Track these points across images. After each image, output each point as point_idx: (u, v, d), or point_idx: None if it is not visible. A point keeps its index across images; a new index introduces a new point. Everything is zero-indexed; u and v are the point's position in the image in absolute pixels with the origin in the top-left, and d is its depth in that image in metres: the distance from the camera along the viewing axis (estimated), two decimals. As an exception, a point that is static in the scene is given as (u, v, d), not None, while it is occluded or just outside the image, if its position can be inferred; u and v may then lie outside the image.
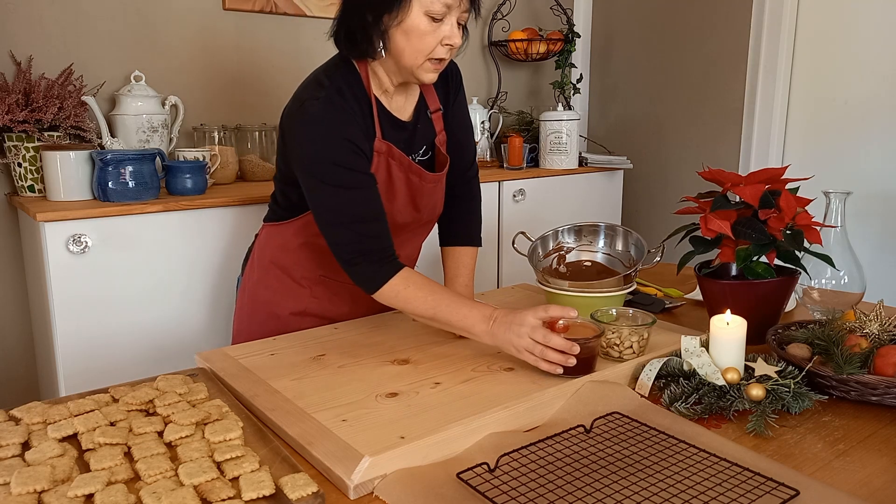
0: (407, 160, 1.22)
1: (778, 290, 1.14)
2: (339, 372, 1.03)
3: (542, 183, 2.55)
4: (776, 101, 2.50)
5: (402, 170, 1.22)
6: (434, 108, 1.27)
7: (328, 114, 1.09)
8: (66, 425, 0.85)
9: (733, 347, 0.96)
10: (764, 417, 0.87)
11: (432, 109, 1.27)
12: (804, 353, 0.99)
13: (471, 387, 0.97)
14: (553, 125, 2.59)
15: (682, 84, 2.79)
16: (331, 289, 1.33)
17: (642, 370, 0.99)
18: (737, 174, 1.14)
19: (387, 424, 0.85)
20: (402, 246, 1.32)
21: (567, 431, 0.84)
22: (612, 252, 1.36)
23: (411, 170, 1.23)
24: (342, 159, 1.09)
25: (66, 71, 1.92)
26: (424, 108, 1.26)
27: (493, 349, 1.12)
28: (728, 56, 2.62)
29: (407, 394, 0.95)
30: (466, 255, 1.38)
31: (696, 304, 1.41)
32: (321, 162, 1.09)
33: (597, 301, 1.21)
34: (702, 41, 2.70)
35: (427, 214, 1.31)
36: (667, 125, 2.88)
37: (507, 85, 2.95)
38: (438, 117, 1.28)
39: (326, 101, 1.10)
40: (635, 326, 1.06)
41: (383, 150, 1.18)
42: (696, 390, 0.93)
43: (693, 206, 1.19)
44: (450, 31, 1.09)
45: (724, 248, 1.15)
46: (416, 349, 1.12)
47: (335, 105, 1.10)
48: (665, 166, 2.92)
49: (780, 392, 0.91)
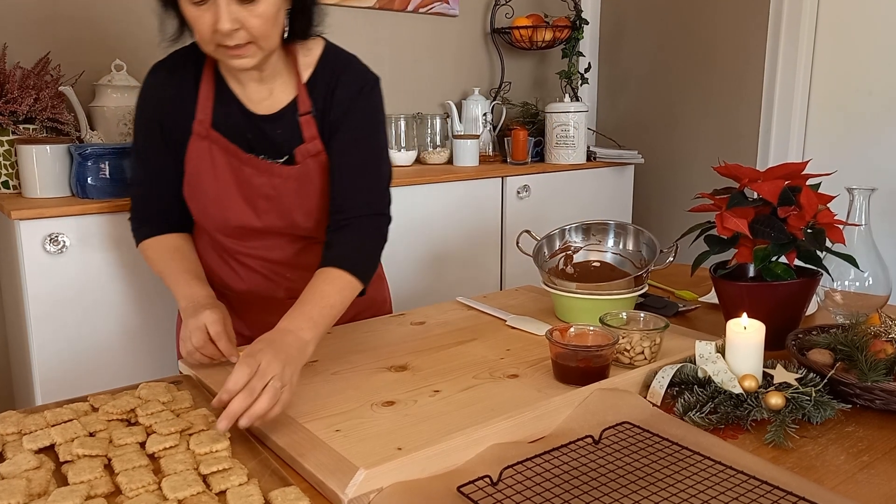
0: (233, 148, 1.18)
1: (798, 293, 1.14)
2: (333, 379, 1.03)
3: (548, 179, 2.55)
4: (796, 92, 2.50)
5: (228, 159, 1.19)
6: (304, 111, 1.19)
7: (146, 83, 1.22)
8: (43, 436, 0.85)
9: (751, 353, 0.96)
10: (783, 428, 0.87)
11: (301, 111, 1.19)
12: (826, 360, 0.99)
13: (472, 395, 0.97)
14: (559, 117, 2.59)
15: (697, 73, 2.79)
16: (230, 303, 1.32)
17: (654, 377, 0.99)
18: (754, 169, 1.14)
19: (383, 435, 0.85)
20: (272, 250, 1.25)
21: (574, 442, 0.84)
22: (622, 252, 1.36)
23: (240, 159, 1.18)
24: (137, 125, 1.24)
25: (42, 60, 1.92)
26: (294, 108, 1.19)
27: (496, 355, 1.12)
28: (745, 44, 2.62)
29: (404, 402, 0.95)
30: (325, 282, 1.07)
31: (712, 307, 1.41)
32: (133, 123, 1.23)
33: (606, 304, 1.21)
34: (717, 27, 2.70)
35: (279, 221, 1.21)
36: (680, 117, 2.89)
37: (511, 75, 2.95)
38: (308, 123, 1.19)
39: (150, 72, 1.22)
40: (647, 331, 1.06)
41: (204, 135, 1.19)
42: (711, 399, 0.93)
43: (708, 203, 1.19)
44: (212, 16, 1.03)
45: (741, 247, 1.15)
46: (414, 355, 1.12)
47: (155, 77, 1.22)
48: (678, 161, 2.92)
49: (800, 401, 0.91)
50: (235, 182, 1.20)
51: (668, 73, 2.90)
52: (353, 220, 1.16)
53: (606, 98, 3.18)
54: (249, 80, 1.18)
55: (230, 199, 1.21)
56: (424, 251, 2.28)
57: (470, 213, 2.37)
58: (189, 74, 1.20)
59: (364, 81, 1.21)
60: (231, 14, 1.03)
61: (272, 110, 1.19)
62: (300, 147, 1.19)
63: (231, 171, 1.20)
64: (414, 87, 2.75)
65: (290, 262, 1.27)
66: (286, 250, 1.26)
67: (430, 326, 1.27)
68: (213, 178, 1.20)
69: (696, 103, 2.82)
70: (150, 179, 1.25)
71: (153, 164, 1.24)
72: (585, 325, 1.07)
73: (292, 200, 1.20)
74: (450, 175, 2.31)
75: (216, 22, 1.03)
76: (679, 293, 1.50)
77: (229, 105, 1.19)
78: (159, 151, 1.22)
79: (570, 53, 2.83)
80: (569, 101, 2.64)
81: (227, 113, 1.19)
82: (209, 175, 1.20)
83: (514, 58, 2.98)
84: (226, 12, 1.02)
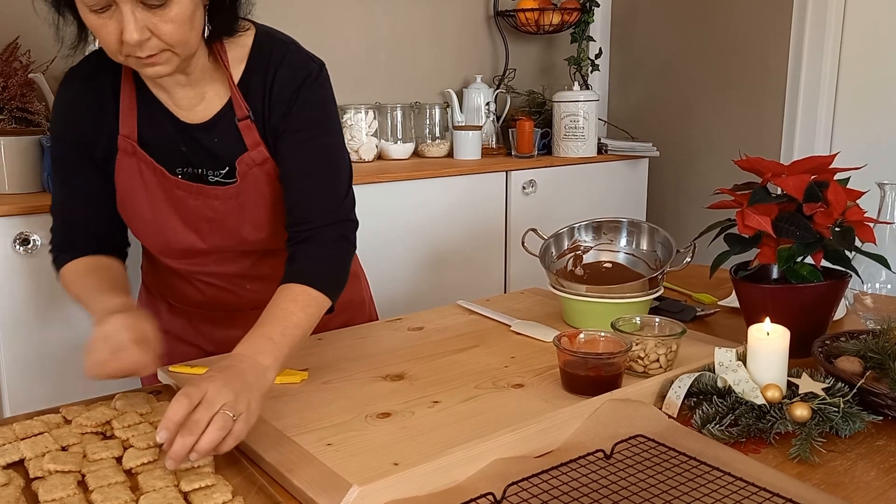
0: (160, 169, 1.13)
1: (825, 296, 1.14)
2: (324, 389, 1.03)
3: (556, 173, 2.55)
4: (823, 80, 2.50)
5: (158, 179, 1.14)
6: (241, 115, 1.11)
7: (59, 96, 1.15)
8: (12, 450, 0.85)
9: (774, 361, 0.95)
10: (809, 441, 0.87)
11: (239, 116, 1.11)
12: (855, 368, 0.99)
13: (474, 406, 0.97)
14: (568, 107, 2.59)
15: (717, 60, 2.79)
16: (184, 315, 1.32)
17: (670, 387, 0.99)
18: (778, 163, 1.14)
19: (378, 449, 0.85)
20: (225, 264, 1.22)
21: (584, 457, 0.84)
22: (635, 252, 1.36)
23: (169, 181, 1.13)
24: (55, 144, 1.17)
25: (10, 45, 1.92)
26: (231, 113, 1.12)
27: (499, 363, 1.12)
28: (768, 28, 2.61)
29: (401, 414, 0.94)
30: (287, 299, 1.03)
31: (732, 311, 1.41)
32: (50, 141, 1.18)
33: (618, 308, 1.21)
34: (738, 10, 2.70)
35: (226, 241, 1.18)
36: (698, 107, 2.88)
37: (516, 61, 2.95)
38: (249, 128, 1.12)
39: (63, 82, 1.15)
40: (662, 337, 1.06)
41: (130, 151, 1.12)
42: (731, 410, 0.93)
43: (728, 199, 1.19)
44: (117, 24, 0.94)
45: (764, 247, 1.15)
46: (411, 363, 1.12)
47: (68, 88, 1.15)
48: (696, 154, 2.92)
49: (827, 412, 0.91)
50: (170, 204, 1.15)
51: (686, 60, 2.90)
52: (315, 231, 1.11)
53: (619, 86, 3.17)
54: (175, 86, 1.10)
55: (168, 223, 1.16)
56: (422, 251, 2.28)
57: (471, 210, 2.37)
58: (107, 82, 1.12)
59: (305, 72, 1.12)
60: (139, 22, 0.94)
61: (205, 117, 1.12)
62: (243, 157, 1.12)
63: (164, 192, 1.14)
64: (411, 75, 2.75)
65: (248, 273, 1.24)
66: (241, 263, 1.23)
67: (428, 332, 1.27)
68: (147, 200, 1.15)
69: (716, 92, 2.82)
70: (75, 203, 1.17)
71: (76, 185, 1.16)
72: (596, 331, 1.06)
73: (236, 219, 1.15)
74: (450, 169, 2.31)
75: (122, 32, 0.94)
76: (697, 296, 1.50)
77: (156, 115, 1.12)
78: (82, 171, 1.15)
79: (579, 38, 2.83)
80: (578, 89, 2.64)
81: (154, 124, 1.12)
82: (142, 196, 1.15)
83: (519, 43, 2.98)
84: (132, 21, 0.93)
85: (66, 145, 1.15)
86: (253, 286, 1.25)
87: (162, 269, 1.28)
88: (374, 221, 2.11)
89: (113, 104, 1.12)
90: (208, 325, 1.31)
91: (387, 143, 2.53)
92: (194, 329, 1.31)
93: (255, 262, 1.23)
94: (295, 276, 1.05)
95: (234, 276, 1.24)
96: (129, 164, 1.13)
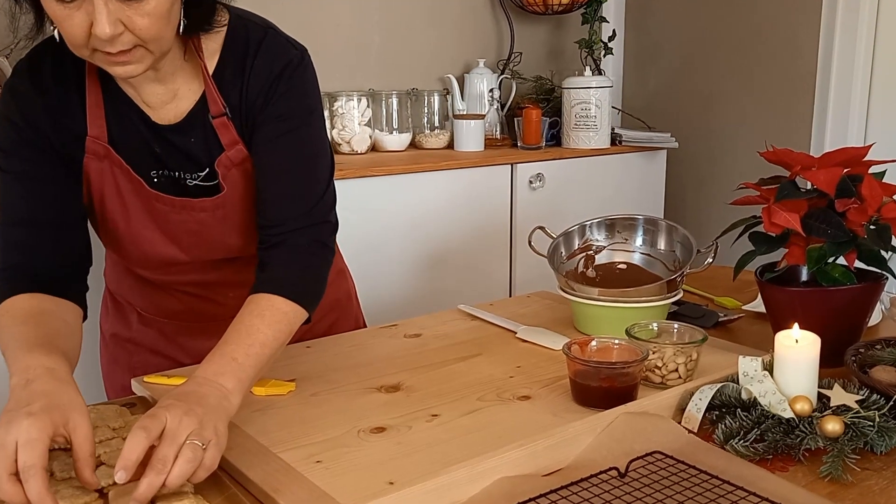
0: (137, 179, 1.10)
1: (859, 300, 1.14)
2: (312, 401, 1.03)
3: (566, 166, 2.55)
4: (857, 65, 2.50)
5: (135, 187, 1.11)
6: (216, 112, 1.09)
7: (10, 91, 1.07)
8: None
9: (804, 371, 0.95)
10: (842, 458, 0.87)
11: (214, 113, 1.09)
12: (892, 378, 0.99)
13: (476, 420, 0.97)
14: (579, 94, 2.59)
15: (741, 42, 2.79)
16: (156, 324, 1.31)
17: (690, 399, 0.99)
18: (808, 155, 1.14)
19: (372, 467, 0.85)
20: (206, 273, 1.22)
21: (596, 476, 0.84)
22: (652, 252, 1.36)
23: (148, 194, 1.11)
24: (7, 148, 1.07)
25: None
26: (205, 110, 1.09)
27: (504, 373, 1.12)
28: (797, 7, 2.62)
29: (397, 428, 0.94)
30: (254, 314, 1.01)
31: (758, 316, 1.41)
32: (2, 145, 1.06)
33: (633, 313, 1.21)
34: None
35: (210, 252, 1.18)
36: (721, 94, 2.88)
37: (522, 44, 2.95)
38: (225, 126, 1.10)
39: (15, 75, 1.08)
40: (681, 345, 1.06)
41: (102, 154, 1.08)
42: (757, 424, 0.93)
43: (754, 194, 1.19)
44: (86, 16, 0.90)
45: (793, 247, 1.15)
46: (408, 372, 1.12)
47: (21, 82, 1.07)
48: (718, 145, 2.92)
49: (861, 426, 0.91)
50: (149, 215, 1.12)
51: (708, 42, 2.90)
52: (288, 234, 1.10)
53: (634, 71, 3.18)
54: (144, 81, 1.06)
55: (144, 235, 1.13)
56: (420, 251, 2.28)
57: (473, 206, 2.37)
58: (69, 75, 1.07)
59: (285, 61, 1.10)
60: (112, 14, 0.89)
61: (178, 116, 1.09)
62: (221, 157, 1.10)
63: (141, 203, 1.12)
64: (408, 59, 2.75)
65: (230, 280, 1.23)
66: (223, 270, 1.22)
67: (426, 339, 1.27)
68: (122, 209, 1.12)
69: (740, 77, 2.82)
70: (35, 216, 1.07)
71: (37, 195, 1.07)
72: (609, 338, 1.06)
73: (221, 229, 1.14)
74: (450, 162, 2.31)
75: (92, 25, 0.90)
76: (719, 300, 1.50)
77: (126, 114, 1.09)
78: (43, 177, 1.07)
79: (591, 19, 2.83)
80: (590, 74, 2.64)
81: (124, 124, 1.09)
82: (116, 204, 1.12)
83: (525, 24, 2.99)
84: (104, 13, 0.89)
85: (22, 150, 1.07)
86: (235, 293, 1.23)
87: (130, 278, 1.28)
88: (367, 219, 2.11)
89: (78, 100, 1.07)
90: (185, 336, 1.30)
91: (381, 133, 2.53)
92: (169, 341, 1.31)
93: (237, 268, 1.22)
94: (265, 285, 1.04)
95: (215, 283, 1.24)
96: (100, 168, 1.10)
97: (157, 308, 1.29)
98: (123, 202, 1.12)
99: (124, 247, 1.17)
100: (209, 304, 1.26)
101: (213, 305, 1.26)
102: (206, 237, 1.15)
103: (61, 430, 0.81)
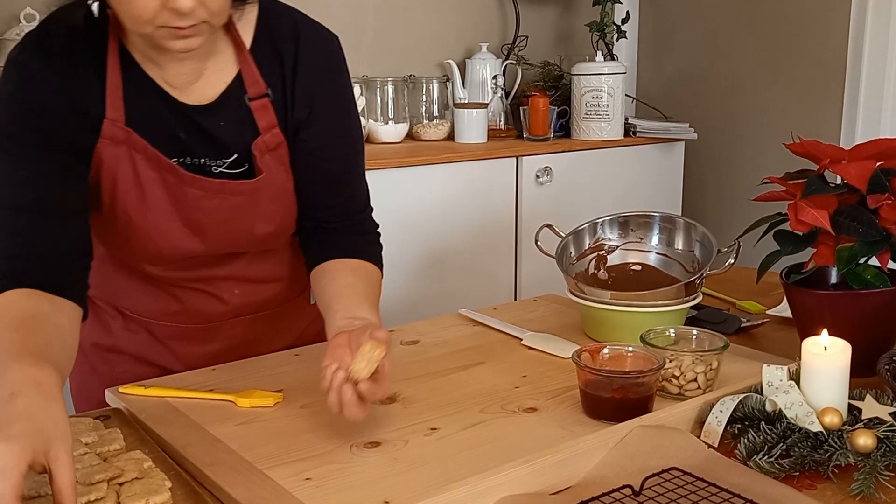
0: (167, 163, 1.11)
1: (893, 304, 1.14)
2: (302, 414, 1.03)
3: (575, 159, 2.55)
4: (891, 50, 2.50)
5: (161, 174, 1.11)
6: (256, 94, 1.12)
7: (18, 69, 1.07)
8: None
9: (833, 381, 0.96)
10: (874, 475, 0.87)
11: (252, 95, 1.12)
12: (928, 389, 0.99)
13: (479, 433, 0.97)
14: (590, 81, 2.60)
15: (764, 26, 2.80)
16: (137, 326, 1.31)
17: (710, 412, 0.99)
18: (838, 147, 1.14)
19: (365, 485, 0.85)
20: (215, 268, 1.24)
21: (609, 494, 0.84)
22: (669, 252, 1.36)
23: (179, 178, 1.12)
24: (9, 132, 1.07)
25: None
26: (240, 90, 1.12)
27: (509, 383, 1.12)
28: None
29: (393, 443, 0.95)
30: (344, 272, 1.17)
31: (783, 321, 1.42)
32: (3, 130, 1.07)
33: (649, 318, 1.21)
34: (790, -32, 2.70)
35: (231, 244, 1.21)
36: (743, 82, 2.89)
37: (528, 27, 2.96)
38: (265, 108, 1.13)
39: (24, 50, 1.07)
40: (701, 353, 1.06)
41: (121, 138, 1.09)
42: (782, 439, 0.93)
43: (779, 190, 1.19)
44: None
45: (821, 246, 1.15)
46: (404, 382, 1.12)
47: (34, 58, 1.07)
48: (741, 137, 2.92)
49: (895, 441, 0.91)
50: (173, 204, 1.13)
51: (728, 25, 2.90)
52: (342, 225, 1.22)
53: (649, 57, 3.18)
54: (173, 60, 1.08)
55: (163, 227, 1.14)
56: (418, 251, 2.28)
57: (476, 202, 2.37)
58: (87, 54, 1.07)
59: (327, 43, 1.16)
60: None
61: (207, 97, 1.12)
62: (257, 141, 1.13)
63: (166, 190, 1.12)
64: (405, 44, 2.76)
65: (237, 275, 1.25)
66: (232, 265, 1.24)
67: (425, 346, 1.27)
68: (139, 199, 1.12)
69: (764, 64, 2.82)
70: (38, 204, 1.06)
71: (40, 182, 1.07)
72: (623, 346, 1.07)
73: (251, 217, 1.17)
74: (450, 154, 2.32)
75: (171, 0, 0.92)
76: (741, 304, 1.50)
77: (148, 95, 1.10)
78: (48, 164, 1.07)
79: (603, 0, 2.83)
80: (602, 60, 2.65)
81: (146, 107, 1.10)
82: (131, 195, 1.12)
83: (532, 5, 2.99)
84: None
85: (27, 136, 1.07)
86: (241, 290, 1.26)
87: (121, 277, 1.28)
88: (360, 216, 2.11)
89: (97, 82, 1.07)
90: (180, 339, 1.31)
91: (376, 123, 2.53)
92: (160, 345, 1.31)
93: (247, 262, 1.25)
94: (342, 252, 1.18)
95: (222, 279, 1.26)
96: (115, 154, 1.09)
97: (149, 309, 1.29)
98: (142, 192, 1.12)
99: (133, 240, 1.17)
100: (211, 302, 1.27)
101: (216, 303, 1.27)
102: (234, 225, 1.17)
103: (41, 459, 0.79)
